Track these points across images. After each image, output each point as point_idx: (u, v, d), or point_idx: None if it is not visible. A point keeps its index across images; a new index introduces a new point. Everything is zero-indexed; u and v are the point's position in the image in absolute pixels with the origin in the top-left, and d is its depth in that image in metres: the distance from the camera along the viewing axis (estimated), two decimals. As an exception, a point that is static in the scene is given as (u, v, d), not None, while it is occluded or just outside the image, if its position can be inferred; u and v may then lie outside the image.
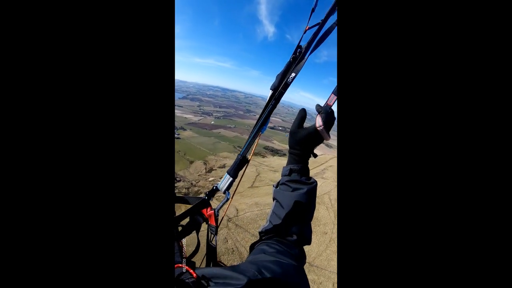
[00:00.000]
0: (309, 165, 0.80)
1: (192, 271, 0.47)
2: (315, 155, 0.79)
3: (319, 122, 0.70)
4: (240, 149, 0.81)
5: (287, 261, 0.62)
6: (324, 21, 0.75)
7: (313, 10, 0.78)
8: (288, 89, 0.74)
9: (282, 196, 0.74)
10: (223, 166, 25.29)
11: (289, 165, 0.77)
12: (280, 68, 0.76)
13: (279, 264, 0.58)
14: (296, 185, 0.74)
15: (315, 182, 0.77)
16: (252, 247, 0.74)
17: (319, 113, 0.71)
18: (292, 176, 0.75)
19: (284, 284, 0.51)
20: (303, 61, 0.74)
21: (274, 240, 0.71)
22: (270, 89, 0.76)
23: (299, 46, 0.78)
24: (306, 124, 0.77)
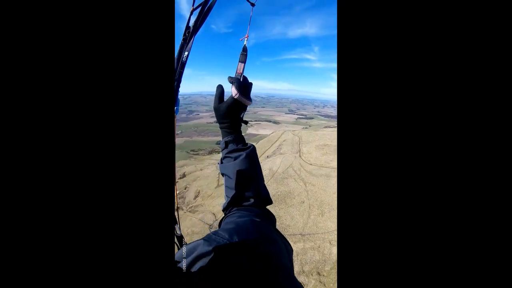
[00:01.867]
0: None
1: None
2: (246, 122, 0.83)
3: (234, 91, 0.74)
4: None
5: (245, 219, 0.65)
6: (206, 0, 0.83)
7: None
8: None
9: (227, 168, 0.78)
10: (183, 176, 23.84)
11: (223, 139, 0.81)
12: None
13: (235, 222, 0.63)
14: (236, 153, 0.77)
15: (252, 145, 0.81)
16: (219, 226, 0.76)
17: (232, 84, 0.75)
18: (229, 147, 0.79)
19: (239, 241, 0.54)
20: (192, 39, 0.81)
21: (234, 210, 0.74)
22: None
23: (187, 27, 0.82)
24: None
